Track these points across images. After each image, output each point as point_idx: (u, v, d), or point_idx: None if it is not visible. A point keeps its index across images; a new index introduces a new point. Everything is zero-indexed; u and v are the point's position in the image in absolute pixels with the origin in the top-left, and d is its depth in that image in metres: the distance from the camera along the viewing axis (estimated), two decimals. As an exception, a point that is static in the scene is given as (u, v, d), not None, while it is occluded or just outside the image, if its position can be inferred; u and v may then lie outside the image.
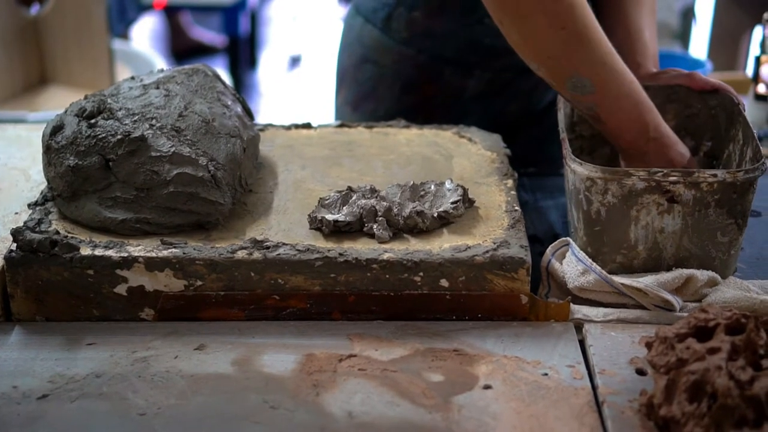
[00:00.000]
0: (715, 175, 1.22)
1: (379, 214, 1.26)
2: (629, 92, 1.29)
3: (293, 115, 4.18)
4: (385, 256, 1.21)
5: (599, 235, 1.27)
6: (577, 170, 1.25)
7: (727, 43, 3.51)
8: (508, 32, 1.29)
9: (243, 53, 4.55)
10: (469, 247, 1.22)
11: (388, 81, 1.70)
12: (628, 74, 1.30)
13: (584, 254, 1.25)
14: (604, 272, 1.23)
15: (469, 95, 1.68)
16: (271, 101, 4.66)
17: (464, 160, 1.42)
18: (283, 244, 1.23)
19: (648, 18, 1.51)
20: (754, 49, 2.66)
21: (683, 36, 3.53)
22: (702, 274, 1.24)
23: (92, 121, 1.28)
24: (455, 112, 1.66)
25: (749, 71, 2.87)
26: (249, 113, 1.47)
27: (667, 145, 1.32)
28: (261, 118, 1.57)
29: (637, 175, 1.22)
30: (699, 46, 3.64)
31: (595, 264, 1.24)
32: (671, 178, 1.22)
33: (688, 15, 3.51)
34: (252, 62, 4.81)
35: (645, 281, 1.22)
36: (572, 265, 1.25)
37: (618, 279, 1.23)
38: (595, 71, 1.27)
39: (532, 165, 1.64)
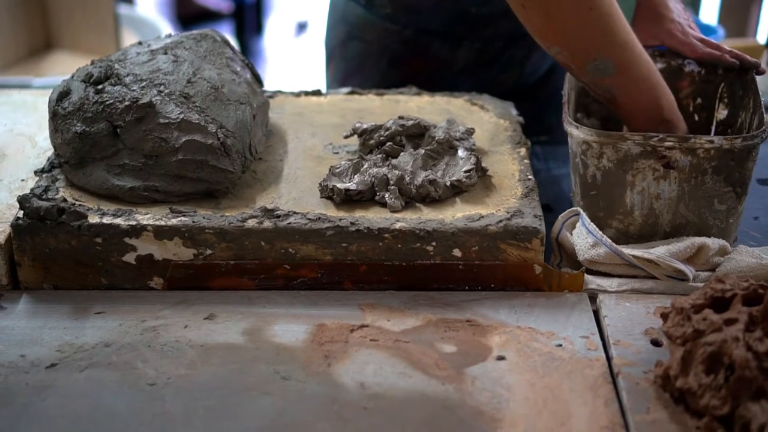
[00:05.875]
0: (711, 142, 1.20)
1: (391, 182, 1.24)
2: (647, 74, 1.27)
3: (300, 81, 4.15)
4: (398, 225, 1.19)
5: (595, 199, 1.26)
6: (573, 133, 1.24)
7: (738, 8, 3.47)
8: (531, 15, 1.24)
9: (249, 19, 4.51)
10: (483, 217, 1.21)
11: (374, 57, 1.68)
12: (646, 56, 1.27)
13: (594, 226, 1.24)
14: (614, 245, 1.21)
15: (459, 67, 1.65)
16: (277, 68, 4.63)
17: (477, 127, 1.40)
18: (294, 212, 1.21)
19: None
20: (767, 16, 2.63)
21: (694, 2, 3.49)
22: (713, 243, 1.23)
23: (99, 86, 1.26)
24: (445, 86, 1.61)
25: (761, 37, 2.84)
26: (258, 80, 1.45)
27: (677, 126, 1.31)
28: (268, 85, 1.55)
29: (633, 140, 1.20)
30: (710, 11, 3.60)
31: (605, 236, 1.22)
32: (667, 143, 1.20)
33: (699, -19, 3.48)
34: (258, 28, 4.77)
35: (656, 252, 1.21)
36: (582, 237, 1.24)
37: (629, 251, 1.21)
38: (618, 53, 1.24)
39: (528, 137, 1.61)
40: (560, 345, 1.12)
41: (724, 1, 3.51)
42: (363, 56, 1.69)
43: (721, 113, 1.44)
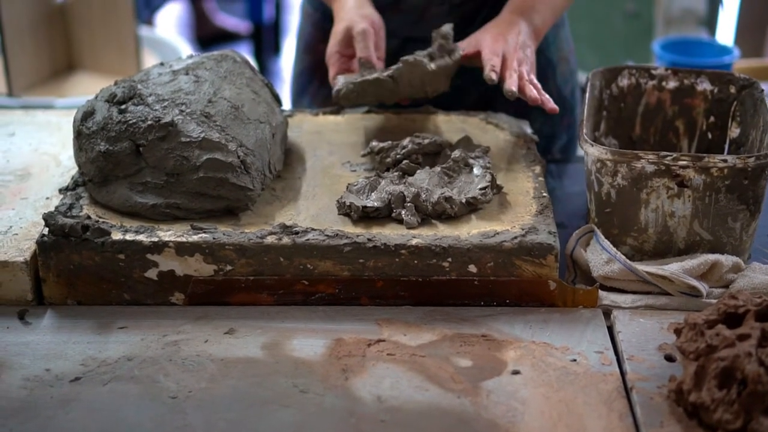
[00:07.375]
0: (725, 161, 1.22)
1: (408, 199, 1.26)
2: None
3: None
4: (414, 241, 1.21)
5: (610, 216, 1.27)
6: (588, 151, 1.26)
7: (754, 29, 3.48)
8: None
9: (267, 40, 4.54)
10: (498, 233, 1.23)
11: (298, 40, 1.74)
12: None
13: (609, 243, 1.25)
14: (628, 261, 1.23)
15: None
16: (295, 88, 4.66)
17: (492, 146, 1.42)
18: (312, 229, 1.23)
19: None
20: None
21: (710, 22, 3.50)
22: (727, 260, 1.24)
23: (123, 106, 1.29)
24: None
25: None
26: (277, 99, 1.47)
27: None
28: (286, 105, 1.57)
29: (647, 159, 1.22)
30: (726, 32, 3.61)
31: (619, 253, 1.23)
32: (681, 162, 1.22)
33: (715, 1, 3.48)
34: (276, 49, 4.80)
35: (670, 269, 1.22)
36: (597, 253, 1.25)
37: (643, 267, 1.22)
38: None
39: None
40: (575, 360, 1.13)
41: (740, 21, 3.52)
42: (296, 39, 1.77)
43: (734, 132, 1.45)
